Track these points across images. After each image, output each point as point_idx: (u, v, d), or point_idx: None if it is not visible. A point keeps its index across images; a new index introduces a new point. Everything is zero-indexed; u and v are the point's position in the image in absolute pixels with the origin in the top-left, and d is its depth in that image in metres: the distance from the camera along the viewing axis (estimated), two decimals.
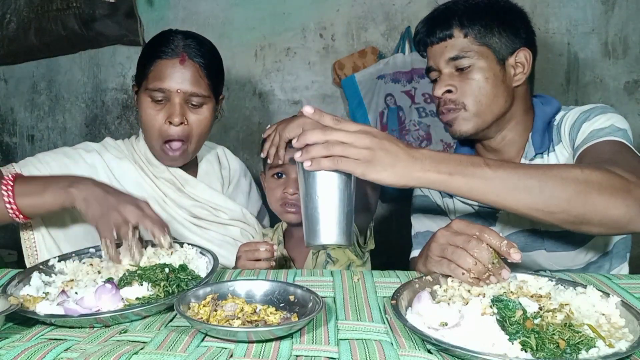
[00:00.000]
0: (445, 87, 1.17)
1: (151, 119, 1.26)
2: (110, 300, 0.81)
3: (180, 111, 1.24)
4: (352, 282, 0.95)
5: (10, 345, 0.70)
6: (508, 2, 1.22)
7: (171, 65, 1.24)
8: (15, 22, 2.46)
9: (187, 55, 1.25)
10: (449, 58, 1.16)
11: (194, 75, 1.25)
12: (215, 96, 1.32)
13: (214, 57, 1.32)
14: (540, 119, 1.21)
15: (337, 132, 0.86)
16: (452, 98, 1.17)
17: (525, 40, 1.18)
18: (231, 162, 1.54)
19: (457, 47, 1.16)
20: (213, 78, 1.29)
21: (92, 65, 2.47)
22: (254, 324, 0.73)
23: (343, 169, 0.85)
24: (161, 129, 1.26)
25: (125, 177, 1.32)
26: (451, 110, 1.17)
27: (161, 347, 0.68)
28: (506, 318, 0.70)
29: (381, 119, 2.13)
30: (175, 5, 2.35)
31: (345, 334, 0.73)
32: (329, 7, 2.26)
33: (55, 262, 0.99)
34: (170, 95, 1.24)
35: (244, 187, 1.55)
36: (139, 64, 1.31)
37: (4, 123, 2.62)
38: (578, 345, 0.65)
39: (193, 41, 1.27)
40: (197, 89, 1.25)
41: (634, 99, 2.22)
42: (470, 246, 0.82)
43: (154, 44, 1.29)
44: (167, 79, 1.23)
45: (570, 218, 0.88)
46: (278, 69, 2.33)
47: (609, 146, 1.04)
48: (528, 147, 1.20)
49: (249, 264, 1.17)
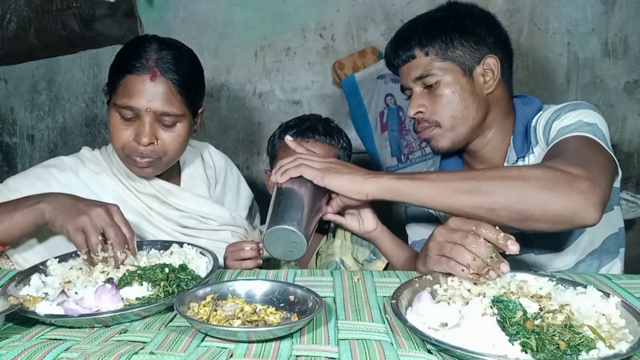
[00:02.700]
0: (416, 109, 1.19)
1: (119, 135, 1.18)
2: (110, 300, 0.81)
3: (150, 131, 1.15)
4: (352, 282, 0.95)
5: (10, 345, 0.70)
6: (469, 9, 1.21)
7: (141, 82, 1.14)
8: (15, 22, 2.46)
9: (158, 71, 1.15)
10: (415, 78, 1.18)
11: (166, 93, 1.15)
12: (192, 111, 1.22)
13: (191, 71, 1.22)
14: (521, 122, 1.21)
15: (306, 154, 1.03)
16: (424, 117, 1.18)
17: (492, 44, 1.18)
18: (215, 159, 1.48)
19: (421, 67, 1.17)
20: (189, 94, 1.19)
21: (92, 65, 2.47)
22: (254, 324, 0.73)
23: (305, 173, 0.97)
24: (127, 146, 1.18)
25: (105, 193, 1.25)
26: (426, 128, 1.19)
27: (161, 347, 0.68)
28: (506, 319, 0.70)
29: (381, 119, 2.13)
30: (175, 5, 2.35)
31: (345, 334, 0.73)
32: (329, 7, 2.26)
33: (56, 262, 0.99)
34: (139, 113, 1.15)
35: (232, 182, 1.49)
36: (110, 74, 1.22)
37: (4, 123, 2.61)
38: (578, 347, 0.65)
39: (168, 54, 1.17)
40: (169, 108, 1.15)
41: (634, 99, 2.22)
42: (468, 242, 0.83)
43: (125, 55, 1.20)
44: (136, 96, 1.14)
45: (513, 215, 0.88)
46: (278, 69, 2.32)
47: (570, 142, 1.03)
48: (510, 152, 1.20)
49: (235, 264, 1.17)
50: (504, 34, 1.22)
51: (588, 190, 0.86)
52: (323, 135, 1.33)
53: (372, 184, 0.95)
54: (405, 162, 2.05)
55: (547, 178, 0.88)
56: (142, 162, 1.19)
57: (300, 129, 1.33)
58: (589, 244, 1.20)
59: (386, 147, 2.08)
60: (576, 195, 0.86)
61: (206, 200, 1.35)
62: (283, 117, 2.30)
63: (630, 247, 1.27)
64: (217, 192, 1.42)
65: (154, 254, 1.05)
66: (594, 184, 0.87)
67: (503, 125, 1.22)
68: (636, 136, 2.24)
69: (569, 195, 0.86)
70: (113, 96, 1.18)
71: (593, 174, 0.89)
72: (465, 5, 1.22)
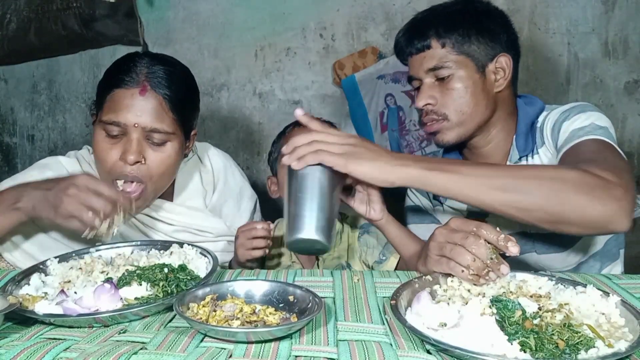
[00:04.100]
0: (426, 100, 1.17)
1: (104, 154, 1.10)
2: (109, 300, 0.81)
3: (137, 148, 1.08)
4: (351, 282, 0.95)
5: (10, 344, 0.70)
6: (486, 5, 1.21)
7: (130, 96, 1.08)
8: (15, 22, 2.46)
9: (149, 85, 1.09)
10: (428, 69, 1.16)
11: (156, 109, 1.09)
12: (184, 131, 1.16)
13: (184, 87, 1.16)
14: (523, 121, 1.21)
15: (322, 133, 0.91)
16: (433, 109, 1.17)
17: (505, 44, 1.17)
18: (214, 163, 1.40)
19: (436, 58, 1.15)
20: (181, 112, 1.13)
21: (92, 65, 2.47)
22: (253, 324, 0.73)
23: (325, 161, 0.87)
24: (113, 167, 1.10)
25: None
26: (433, 121, 1.18)
27: (160, 347, 0.68)
28: (505, 318, 0.69)
29: (381, 119, 2.13)
30: (175, 5, 2.35)
31: (345, 335, 0.73)
32: (329, 7, 2.26)
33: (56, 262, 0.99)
34: (127, 130, 1.08)
35: (233, 185, 1.42)
36: (97, 92, 1.15)
37: (4, 123, 2.62)
38: (577, 346, 0.65)
39: (160, 69, 1.11)
40: (159, 125, 1.09)
41: (634, 99, 2.22)
42: (468, 243, 0.82)
43: (114, 70, 1.14)
44: (124, 111, 1.07)
45: (547, 217, 0.88)
46: (278, 69, 2.33)
47: (590, 145, 1.03)
48: (512, 150, 1.20)
49: (246, 253, 1.16)
50: (515, 34, 1.22)
51: (622, 197, 0.86)
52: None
53: (399, 172, 0.89)
54: None
55: (584, 182, 0.87)
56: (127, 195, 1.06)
57: None
58: (592, 245, 1.20)
59: (386, 147, 2.07)
60: (613, 202, 0.86)
61: (200, 213, 1.30)
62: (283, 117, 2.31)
63: (630, 247, 1.27)
64: (214, 200, 1.36)
65: (154, 254, 1.05)
66: (626, 191, 0.87)
67: (506, 124, 1.21)
68: (636, 136, 2.24)
69: (606, 201, 0.86)
70: (99, 113, 1.12)
71: (625, 180, 0.89)
72: (481, 2, 1.21)
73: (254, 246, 1.16)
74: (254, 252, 1.17)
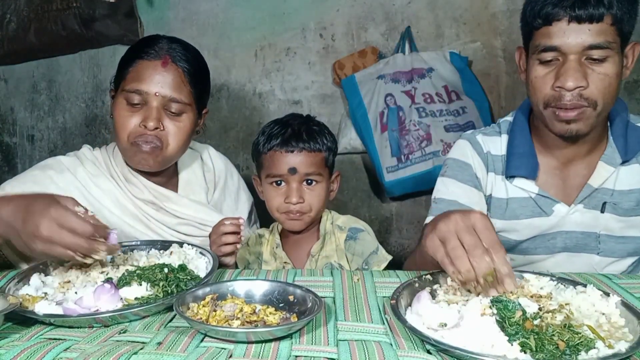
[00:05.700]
0: (580, 81, 1.01)
1: (125, 120, 1.17)
2: (109, 300, 0.81)
3: (157, 115, 1.17)
4: (351, 282, 0.95)
5: (10, 344, 0.70)
6: None
7: (152, 67, 1.17)
8: (15, 22, 2.45)
9: (170, 58, 1.18)
10: (590, 45, 1.00)
11: (176, 80, 1.18)
12: (197, 106, 1.25)
13: (199, 65, 1.25)
14: (620, 121, 1.10)
15: None
16: (583, 94, 1.02)
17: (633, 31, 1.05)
18: (216, 162, 1.45)
19: (602, 35, 0.99)
20: (196, 86, 1.22)
21: (92, 65, 2.47)
22: (253, 324, 0.73)
23: None
24: (133, 131, 1.17)
25: (104, 196, 1.23)
26: (578, 107, 1.03)
27: (160, 347, 0.68)
28: (505, 319, 0.69)
29: (381, 119, 2.12)
30: (175, 5, 2.35)
31: (345, 335, 0.73)
32: (329, 7, 2.25)
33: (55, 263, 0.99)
34: (147, 99, 1.17)
35: (232, 187, 1.47)
36: (119, 66, 1.24)
37: (4, 123, 2.61)
38: (577, 346, 0.65)
39: (179, 45, 1.22)
40: (178, 95, 1.18)
41: (634, 99, 2.22)
42: (474, 253, 0.76)
43: (138, 45, 1.23)
44: (147, 80, 1.16)
45: None
46: (278, 69, 2.32)
47: None
48: (609, 148, 1.11)
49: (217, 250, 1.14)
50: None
51: None
52: (307, 143, 1.27)
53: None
54: (405, 162, 2.04)
55: None
56: (146, 148, 1.17)
57: (284, 138, 1.28)
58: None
59: (386, 147, 2.07)
60: None
61: (203, 207, 1.33)
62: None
63: None
64: (216, 197, 1.40)
65: (154, 253, 1.05)
66: None
67: (606, 118, 1.11)
68: None
69: None
70: (122, 83, 1.20)
71: None
72: None
73: (223, 242, 1.15)
74: (224, 247, 1.15)
